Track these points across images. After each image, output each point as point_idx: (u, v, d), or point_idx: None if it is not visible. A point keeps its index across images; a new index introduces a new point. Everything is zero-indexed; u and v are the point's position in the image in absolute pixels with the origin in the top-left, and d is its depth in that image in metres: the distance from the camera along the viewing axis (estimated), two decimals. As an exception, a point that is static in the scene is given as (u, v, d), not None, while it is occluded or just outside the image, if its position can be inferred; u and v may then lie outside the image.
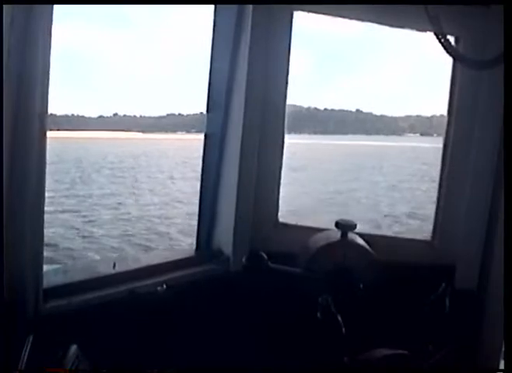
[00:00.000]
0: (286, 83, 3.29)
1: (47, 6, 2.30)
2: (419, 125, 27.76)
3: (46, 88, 2.38)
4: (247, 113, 3.17)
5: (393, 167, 30.14)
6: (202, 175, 3.46)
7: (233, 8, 3.15)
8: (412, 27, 3.26)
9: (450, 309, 3.17)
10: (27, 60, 2.29)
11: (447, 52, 2.95)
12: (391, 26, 3.29)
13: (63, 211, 18.51)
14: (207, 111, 3.35)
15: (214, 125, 3.33)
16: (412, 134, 28.72)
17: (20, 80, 2.29)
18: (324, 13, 3.23)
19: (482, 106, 3.24)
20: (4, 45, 2.19)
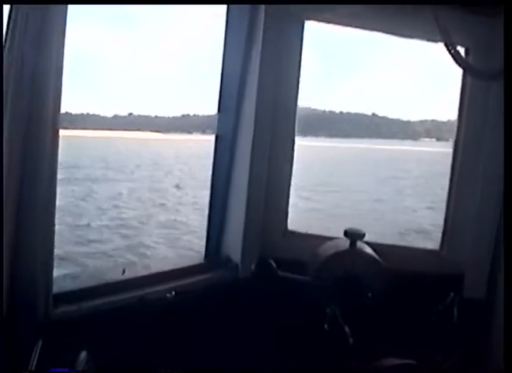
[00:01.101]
0: (297, 87, 3.32)
1: (62, 8, 2.32)
2: (434, 130, 27.65)
3: (59, 87, 2.38)
4: (257, 117, 3.19)
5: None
6: (213, 179, 3.47)
7: (246, 10, 3.17)
8: (422, 37, 3.27)
9: (458, 318, 3.18)
10: (41, 60, 2.29)
11: (457, 63, 2.96)
12: (401, 36, 3.31)
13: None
14: (218, 112, 3.37)
15: (225, 127, 3.35)
16: (428, 139, 28.61)
17: (33, 80, 2.29)
18: (334, 23, 3.26)
19: (491, 111, 3.23)
20: (18, 45, 2.21)
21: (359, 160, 34.06)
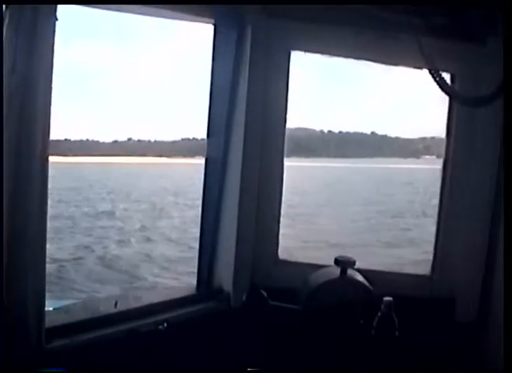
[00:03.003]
0: (286, 111, 3.32)
1: (49, 33, 2.33)
2: (435, 146, 27.63)
3: (48, 113, 2.39)
4: (246, 142, 3.19)
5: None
6: (203, 208, 3.48)
7: (232, 38, 3.21)
8: (406, 64, 3.30)
9: (449, 343, 3.18)
10: (29, 85, 2.30)
11: (442, 90, 2.98)
12: (386, 64, 3.34)
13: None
14: (207, 137, 3.37)
15: (215, 152, 3.34)
16: (428, 156, 28.60)
17: (22, 106, 2.29)
18: (320, 53, 3.30)
19: (480, 131, 3.26)
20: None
21: (360, 179, 34.08)
